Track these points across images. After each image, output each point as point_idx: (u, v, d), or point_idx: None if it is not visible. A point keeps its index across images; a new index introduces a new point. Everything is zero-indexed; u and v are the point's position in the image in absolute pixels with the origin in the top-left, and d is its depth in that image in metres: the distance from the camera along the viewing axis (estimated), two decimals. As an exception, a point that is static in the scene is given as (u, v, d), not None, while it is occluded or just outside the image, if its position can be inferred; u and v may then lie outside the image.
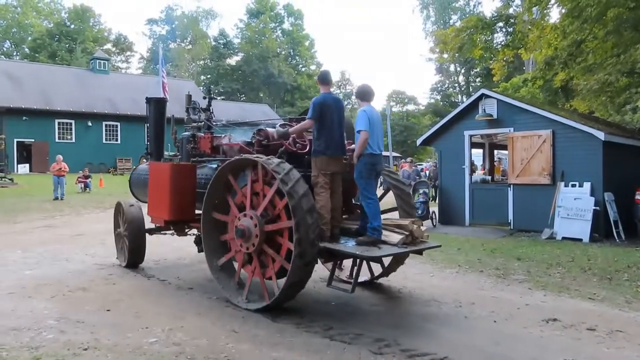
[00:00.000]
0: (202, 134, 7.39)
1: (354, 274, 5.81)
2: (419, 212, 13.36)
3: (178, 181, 6.92)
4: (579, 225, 10.99)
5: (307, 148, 6.23)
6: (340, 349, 4.55)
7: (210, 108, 7.81)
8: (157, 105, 8.34)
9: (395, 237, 5.71)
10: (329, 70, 6.32)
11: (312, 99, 5.96)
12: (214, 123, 7.70)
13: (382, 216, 5.94)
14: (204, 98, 7.98)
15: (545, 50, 16.13)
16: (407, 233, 5.72)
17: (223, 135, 7.24)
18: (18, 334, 4.74)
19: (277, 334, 4.90)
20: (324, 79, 6.11)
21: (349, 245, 5.65)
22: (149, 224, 7.72)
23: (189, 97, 7.94)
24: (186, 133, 7.68)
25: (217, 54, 68.40)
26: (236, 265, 6.13)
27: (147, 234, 7.89)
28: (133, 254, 7.80)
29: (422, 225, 6.09)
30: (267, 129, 6.49)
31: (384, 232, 5.78)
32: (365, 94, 6.05)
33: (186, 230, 7.67)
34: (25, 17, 63.30)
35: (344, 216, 6.58)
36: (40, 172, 31.05)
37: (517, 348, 4.67)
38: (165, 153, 8.78)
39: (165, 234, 8.07)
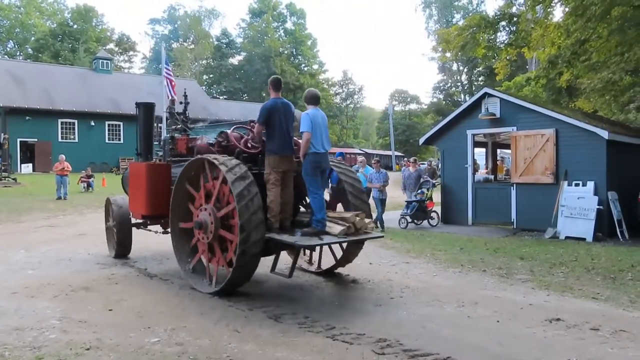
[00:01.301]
0: (179, 136, 7.98)
1: (292, 261, 6.40)
2: (407, 210, 13.41)
3: (154, 179, 7.57)
4: (583, 224, 10.95)
5: (261, 149, 6.86)
6: (342, 349, 4.54)
7: (186, 112, 8.42)
8: (146, 109, 8.82)
9: (337, 229, 6.27)
10: (280, 77, 6.98)
11: (262, 104, 6.61)
12: (191, 126, 8.40)
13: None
14: (181, 103, 8.59)
15: (548, 49, 16.10)
16: (348, 225, 6.28)
17: (197, 137, 7.76)
18: (21, 333, 4.74)
19: (279, 334, 4.89)
20: (276, 85, 6.68)
21: (293, 236, 6.18)
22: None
23: (172, 101, 8.60)
24: (167, 135, 8.35)
25: (219, 54, 68.48)
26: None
27: (134, 228, 8.55)
28: (120, 246, 8.55)
29: (367, 217, 6.71)
30: (228, 131, 7.15)
31: (328, 224, 6.35)
32: (310, 98, 6.60)
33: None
34: (29, 17, 63.42)
35: (302, 210, 7.27)
36: (44, 171, 31.13)
37: (520, 348, 4.65)
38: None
39: (150, 230, 8.50)
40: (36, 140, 33.59)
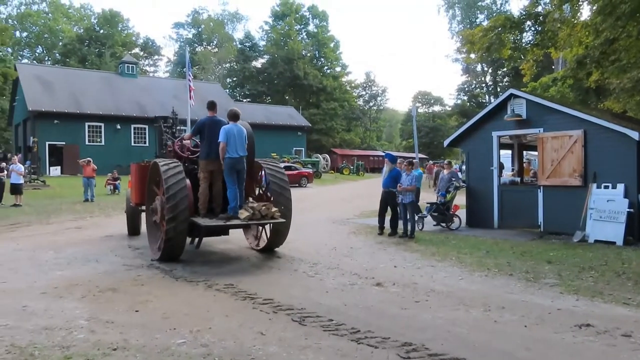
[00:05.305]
0: (171, 142, 9.78)
1: (197, 241, 8.53)
2: (425, 212, 13.27)
3: (141, 177, 9.49)
4: (612, 227, 10.69)
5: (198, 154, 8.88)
6: (367, 352, 4.50)
7: (174, 123, 10.88)
8: (165, 120, 10.90)
9: (243, 214, 8.10)
10: (215, 101, 9.12)
11: (198, 120, 8.96)
12: (181, 134, 10.51)
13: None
14: (169, 118, 10.93)
15: (575, 49, 15.78)
16: (253, 212, 8.05)
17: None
18: (50, 333, 4.83)
19: (304, 336, 4.88)
20: (210, 106, 8.82)
21: (208, 220, 8.12)
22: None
23: (173, 112, 11.21)
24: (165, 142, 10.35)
25: (242, 57, 68.96)
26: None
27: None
28: (130, 226, 11.25)
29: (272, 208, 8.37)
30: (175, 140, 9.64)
31: (240, 211, 8.19)
32: (230, 116, 8.49)
33: None
34: (56, 23, 64.96)
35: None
36: (71, 174, 31.74)
37: (548, 354, 4.55)
38: None
39: None
40: (64, 143, 34.29)
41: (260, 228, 9.50)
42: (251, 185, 9.46)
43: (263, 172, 9.21)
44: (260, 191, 9.58)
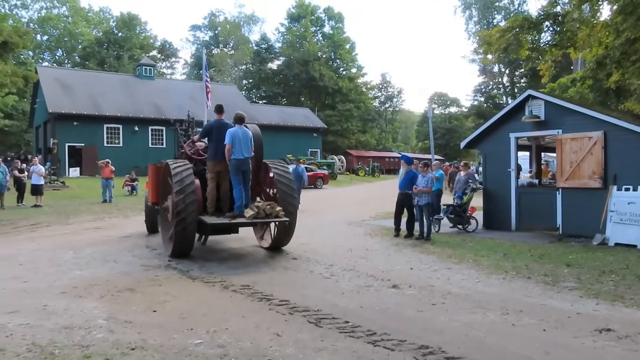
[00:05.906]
0: (185, 144, 10.37)
1: (203, 237, 9.28)
2: (441, 214, 13.13)
3: (157, 177, 9.90)
4: (634, 230, 10.50)
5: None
6: (384, 355, 4.49)
7: (189, 126, 11.78)
8: (181, 124, 11.92)
9: (249, 213, 8.45)
10: (222, 104, 9.60)
11: (206, 123, 9.79)
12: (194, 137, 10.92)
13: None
14: (184, 121, 11.91)
15: (595, 49, 15.54)
16: (258, 211, 8.39)
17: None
18: (70, 332, 4.89)
19: (320, 338, 4.88)
20: (217, 110, 9.34)
21: (215, 218, 8.58)
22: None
23: (188, 115, 11.97)
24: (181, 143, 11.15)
25: (258, 59, 69.17)
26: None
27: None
28: (147, 223, 11.93)
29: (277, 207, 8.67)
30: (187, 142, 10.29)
31: (246, 210, 8.53)
32: (235, 120, 8.99)
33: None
34: (76, 27, 65.83)
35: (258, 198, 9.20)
36: (90, 175, 32.13)
37: (568, 358, 4.50)
38: None
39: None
40: (83, 145, 34.70)
41: (273, 226, 9.66)
42: (259, 186, 9.78)
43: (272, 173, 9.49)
44: (269, 191, 9.89)
